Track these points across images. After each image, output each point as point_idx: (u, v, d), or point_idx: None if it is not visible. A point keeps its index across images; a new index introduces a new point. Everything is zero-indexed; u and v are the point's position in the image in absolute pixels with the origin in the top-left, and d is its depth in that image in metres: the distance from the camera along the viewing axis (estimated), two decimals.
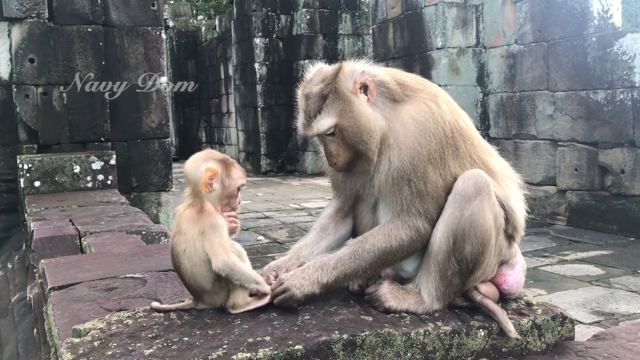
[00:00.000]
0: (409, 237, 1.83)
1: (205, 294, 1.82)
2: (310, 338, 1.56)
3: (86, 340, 1.64)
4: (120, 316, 1.83)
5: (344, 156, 1.88)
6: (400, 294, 1.85)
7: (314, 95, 1.86)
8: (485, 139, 7.77)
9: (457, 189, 1.82)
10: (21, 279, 5.57)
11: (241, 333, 1.61)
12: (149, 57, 7.55)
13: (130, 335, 1.65)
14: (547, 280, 5.48)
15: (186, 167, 1.86)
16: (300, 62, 13.86)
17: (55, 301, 2.76)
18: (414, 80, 1.95)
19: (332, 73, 1.88)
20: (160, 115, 7.68)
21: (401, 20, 9.46)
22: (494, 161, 1.96)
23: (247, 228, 8.19)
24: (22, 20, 6.79)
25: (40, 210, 5.61)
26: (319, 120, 1.84)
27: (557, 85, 7.68)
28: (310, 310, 1.75)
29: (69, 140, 7.13)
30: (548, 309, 1.85)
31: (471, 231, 1.80)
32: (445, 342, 1.69)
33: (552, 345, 1.80)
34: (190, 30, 19.78)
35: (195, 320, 1.74)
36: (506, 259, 1.94)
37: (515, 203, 1.93)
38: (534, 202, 8.13)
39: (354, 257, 1.84)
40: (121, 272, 3.08)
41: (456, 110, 1.93)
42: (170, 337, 1.61)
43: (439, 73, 8.73)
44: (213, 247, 1.75)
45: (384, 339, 1.62)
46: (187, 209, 1.84)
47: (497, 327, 1.75)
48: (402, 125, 1.84)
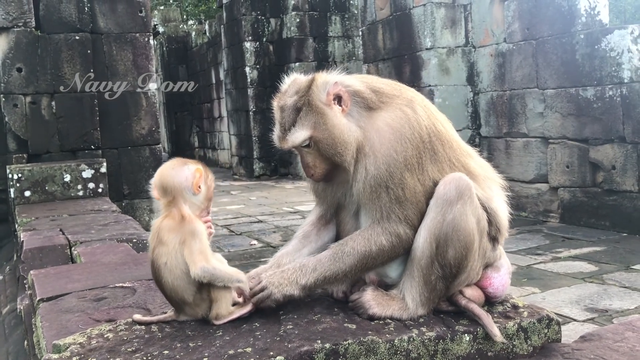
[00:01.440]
0: (390, 243, 1.82)
1: (187, 305, 1.80)
2: (292, 348, 1.54)
3: (65, 356, 1.61)
4: (101, 330, 1.81)
5: (321, 167, 1.87)
6: (384, 300, 1.83)
7: (288, 108, 1.86)
8: (476, 138, 7.70)
9: (438, 193, 1.81)
10: (12, 290, 5.53)
11: (222, 345, 1.59)
12: (138, 64, 7.53)
13: (109, 349, 1.62)
14: (540, 278, 5.47)
15: (164, 176, 1.84)
16: (291, 65, 13.85)
17: (44, 313, 2.73)
18: (390, 86, 1.93)
19: (305, 85, 1.88)
20: (150, 122, 7.65)
21: (390, 22, 9.46)
22: (475, 163, 1.95)
23: (241, 232, 8.17)
24: (9, 30, 6.76)
25: (30, 220, 5.58)
26: (294, 133, 1.83)
27: (546, 83, 7.69)
28: (293, 319, 1.73)
29: (59, 149, 7.10)
30: (534, 311, 1.84)
31: (454, 235, 1.78)
32: (429, 348, 1.67)
33: (538, 347, 1.79)
34: (181, 35, 19.75)
35: (176, 332, 1.72)
36: (491, 262, 1.92)
37: (498, 204, 1.92)
38: (527, 200, 8.13)
39: (334, 259, 1.82)
40: (111, 282, 3.05)
41: (433, 114, 1.92)
42: (150, 350, 1.59)
43: (429, 73, 8.73)
44: (192, 254, 1.73)
45: (367, 347, 1.60)
46: (165, 219, 1.82)
47: (483, 331, 1.74)
48: (378, 133, 1.83)
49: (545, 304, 4.72)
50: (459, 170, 1.87)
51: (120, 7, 7.38)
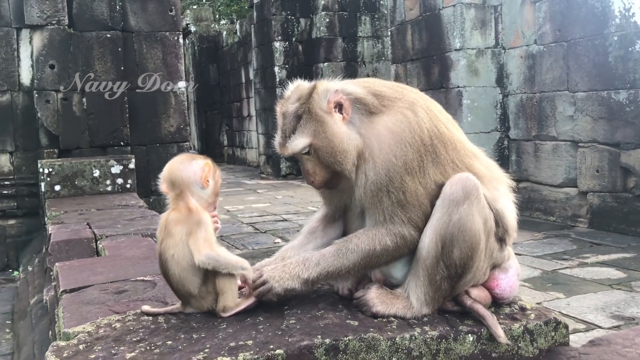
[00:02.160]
0: (394, 243, 1.82)
1: (193, 298, 1.82)
2: (292, 342, 1.55)
3: (72, 343, 1.65)
4: (110, 319, 1.85)
5: (321, 175, 1.88)
6: (389, 299, 1.83)
7: (290, 114, 1.87)
8: (505, 140, 7.59)
9: (445, 194, 1.80)
10: (40, 282, 5.66)
11: (225, 337, 1.61)
12: (167, 62, 7.63)
13: (115, 338, 1.66)
14: (565, 283, 5.38)
15: (173, 170, 1.87)
16: (320, 65, 13.87)
17: (66, 303, 2.79)
18: (391, 89, 1.92)
19: (307, 92, 1.88)
20: (178, 120, 7.76)
21: (419, 22, 9.40)
22: (480, 164, 1.93)
23: (265, 231, 8.21)
24: (43, 27, 6.92)
25: (59, 213, 5.70)
26: (294, 140, 1.84)
27: (577, 86, 7.55)
28: (296, 314, 1.74)
29: (88, 145, 7.24)
30: (542, 313, 1.81)
31: (460, 236, 1.77)
32: (432, 347, 1.66)
33: (545, 350, 1.76)
34: (212, 34, 19.94)
35: (182, 324, 1.75)
36: (498, 263, 1.90)
37: (505, 205, 1.90)
38: (555, 204, 7.99)
39: (338, 255, 1.83)
40: (132, 275, 3.10)
41: (436, 115, 1.90)
42: (154, 340, 1.62)
43: (457, 74, 8.65)
44: (197, 242, 1.76)
45: (367, 344, 1.60)
46: (172, 212, 1.85)
47: (487, 332, 1.72)
48: (377, 138, 1.83)
49: (569, 309, 4.64)
50: (462, 172, 1.86)
51: (151, 6, 7.50)
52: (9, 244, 6.99)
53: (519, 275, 1.93)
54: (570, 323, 4.27)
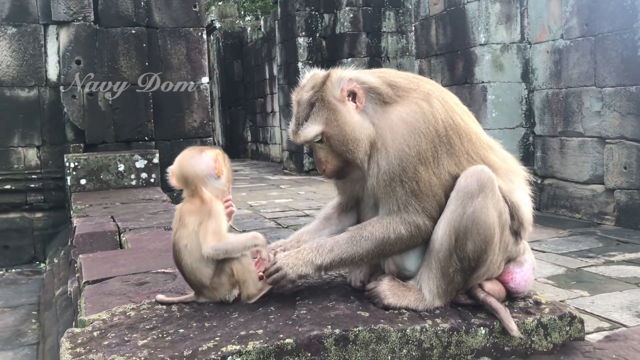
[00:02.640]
0: (409, 232, 1.80)
1: (205, 288, 1.84)
2: (302, 332, 1.56)
3: (87, 330, 1.68)
4: (125, 308, 1.87)
5: (333, 163, 1.87)
6: (401, 291, 1.82)
7: (304, 102, 1.87)
8: (530, 136, 7.48)
9: (459, 186, 1.78)
10: (65, 274, 5.76)
11: (236, 326, 1.62)
12: (191, 58, 7.69)
13: (129, 326, 1.68)
14: (590, 281, 5.29)
15: (184, 166, 1.88)
16: (344, 60, 13.84)
17: (88, 294, 2.84)
18: (407, 80, 1.91)
19: (321, 80, 1.88)
20: (202, 115, 7.81)
21: (443, 17, 9.32)
22: (496, 156, 1.90)
23: (287, 226, 8.24)
24: (69, 24, 7.02)
25: (84, 207, 5.79)
26: (306, 127, 1.84)
27: (605, 81, 7.41)
28: (308, 304, 1.75)
29: (114, 140, 7.33)
30: (556, 308, 1.79)
31: (474, 229, 1.76)
32: (443, 339, 1.65)
33: (559, 345, 1.74)
34: (236, 31, 20.02)
35: (194, 312, 1.76)
36: (513, 256, 1.88)
37: (520, 197, 1.87)
38: (581, 201, 7.87)
39: (351, 242, 1.82)
40: (153, 267, 3.14)
41: (452, 107, 1.88)
42: (166, 328, 1.64)
43: (482, 69, 8.56)
44: (206, 234, 1.77)
45: (378, 335, 1.60)
46: (187, 204, 1.86)
47: (500, 325, 1.70)
48: (390, 128, 1.82)
49: (593, 307, 4.57)
50: (477, 164, 1.83)
51: (175, 2, 7.55)
52: (36, 237, 7.13)
53: (535, 270, 1.90)
54: (594, 321, 4.22)
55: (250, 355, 1.49)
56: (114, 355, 1.48)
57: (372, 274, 1.93)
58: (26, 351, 4.55)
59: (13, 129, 7.01)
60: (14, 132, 7.02)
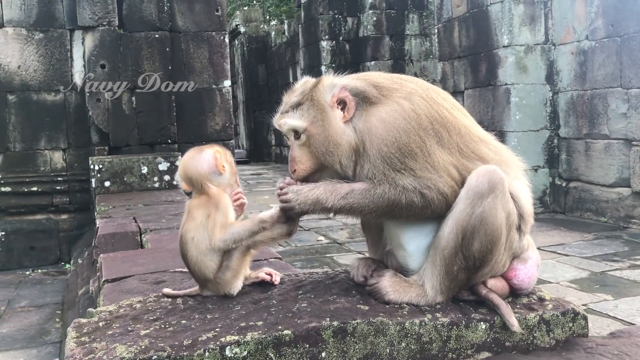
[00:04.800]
0: (421, 202, 1.79)
1: (209, 282, 1.87)
2: (300, 324, 1.57)
3: (93, 321, 1.72)
4: (132, 301, 1.91)
5: (306, 165, 1.89)
6: (402, 287, 1.82)
7: (295, 98, 1.92)
8: (555, 139, 7.38)
9: (470, 185, 1.79)
10: (88, 274, 5.87)
11: (237, 318, 1.65)
12: (214, 62, 7.77)
13: (134, 317, 1.72)
14: (614, 285, 5.20)
15: (187, 167, 1.93)
16: (367, 63, 13.83)
17: (107, 292, 2.90)
18: (390, 80, 1.93)
19: (313, 84, 1.93)
20: (224, 118, 7.89)
21: (466, 19, 9.27)
22: (488, 148, 1.89)
23: (309, 228, 8.26)
24: (95, 29, 7.17)
25: (108, 208, 5.89)
26: (292, 116, 1.88)
27: (631, 82, 7.28)
28: (309, 298, 1.76)
29: (137, 142, 7.44)
30: (559, 304, 1.77)
31: (481, 228, 1.76)
32: (442, 333, 1.64)
33: (562, 341, 1.72)
34: (261, 35, 20.16)
35: (198, 305, 1.79)
36: (517, 253, 1.87)
37: (518, 188, 1.86)
38: (606, 205, 7.74)
39: (365, 195, 1.82)
40: (171, 267, 3.19)
41: (437, 102, 1.88)
42: (169, 319, 1.67)
43: (505, 72, 8.48)
44: (214, 227, 1.81)
45: (376, 328, 1.60)
46: (195, 199, 1.90)
47: (501, 320, 1.70)
48: (369, 130, 1.84)
49: (617, 312, 4.49)
50: (468, 157, 1.84)
51: (197, 6, 7.65)
52: (61, 238, 7.27)
53: (539, 266, 1.89)
54: (617, 325, 4.14)
55: (249, 345, 1.51)
56: (117, 344, 1.51)
57: (374, 269, 1.94)
58: (49, 349, 4.64)
59: (40, 132, 7.18)
60: (40, 135, 7.19)
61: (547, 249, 6.32)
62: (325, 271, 2.00)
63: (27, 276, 6.74)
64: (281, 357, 1.53)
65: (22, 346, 4.60)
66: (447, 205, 1.81)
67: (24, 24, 7.08)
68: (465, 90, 9.39)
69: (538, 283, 2.01)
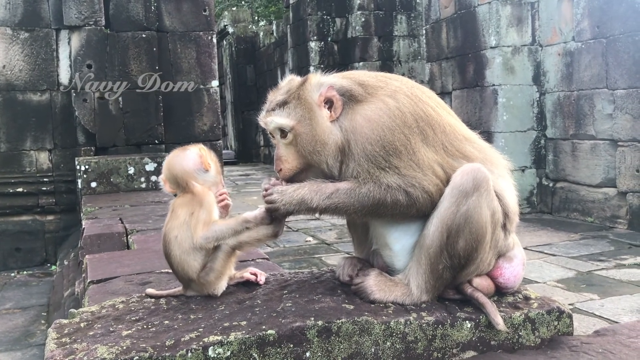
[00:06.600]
0: (406, 201, 1.78)
1: (193, 282, 1.85)
2: (284, 324, 1.56)
3: (74, 321, 1.70)
4: (114, 301, 1.89)
5: (293, 164, 1.88)
6: (387, 286, 1.81)
7: (280, 97, 1.90)
8: (542, 139, 7.41)
9: (455, 183, 1.78)
10: (74, 275, 5.82)
11: (220, 318, 1.63)
12: (201, 62, 7.74)
13: (116, 318, 1.70)
14: (600, 284, 5.23)
15: (172, 166, 1.91)
16: (355, 64, 13.84)
17: (92, 293, 2.87)
18: (375, 79, 1.92)
19: (299, 82, 1.92)
20: (212, 119, 7.85)
21: (454, 20, 9.30)
22: (472, 147, 1.89)
23: (297, 229, 8.24)
24: (81, 28, 7.11)
25: (94, 209, 5.84)
26: (279, 114, 1.87)
27: (616, 83, 7.34)
28: (294, 298, 1.75)
29: (124, 143, 7.39)
30: (545, 302, 1.77)
31: (466, 227, 1.75)
32: (427, 332, 1.64)
33: (547, 340, 1.72)
34: (249, 35, 20.12)
35: (181, 305, 1.78)
36: (503, 252, 1.86)
37: (502, 187, 1.86)
38: (593, 205, 7.78)
39: (349, 195, 1.81)
40: (158, 267, 3.16)
41: (422, 100, 1.87)
42: (152, 320, 1.65)
43: (492, 72, 8.52)
44: (197, 224, 1.80)
45: (361, 327, 1.59)
46: (180, 197, 1.89)
47: (486, 319, 1.69)
48: (354, 129, 1.83)
49: (603, 311, 4.52)
50: (453, 155, 1.83)
51: (185, 6, 7.62)
52: (47, 239, 7.21)
53: (525, 265, 1.89)
54: (603, 324, 4.16)
55: (232, 345, 1.49)
56: (97, 345, 1.49)
57: (360, 269, 1.93)
58: (34, 351, 4.59)
59: (25, 132, 7.11)
60: (26, 136, 7.12)
61: (534, 249, 6.35)
62: (311, 271, 1.99)
63: (13, 278, 6.67)
64: (265, 357, 1.51)
65: (6, 348, 4.55)
66: (432, 204, 1.81)
67: (9, 23, 7.01)
68: (453, 91, 9.42)
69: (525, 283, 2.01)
